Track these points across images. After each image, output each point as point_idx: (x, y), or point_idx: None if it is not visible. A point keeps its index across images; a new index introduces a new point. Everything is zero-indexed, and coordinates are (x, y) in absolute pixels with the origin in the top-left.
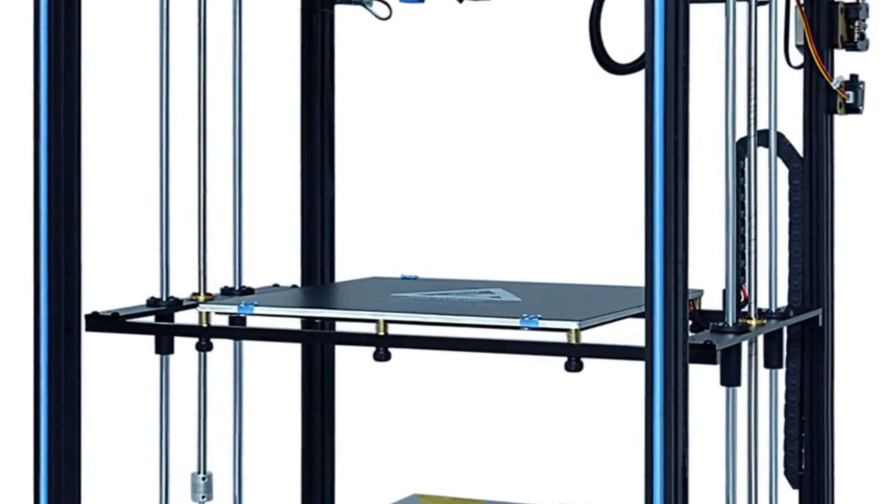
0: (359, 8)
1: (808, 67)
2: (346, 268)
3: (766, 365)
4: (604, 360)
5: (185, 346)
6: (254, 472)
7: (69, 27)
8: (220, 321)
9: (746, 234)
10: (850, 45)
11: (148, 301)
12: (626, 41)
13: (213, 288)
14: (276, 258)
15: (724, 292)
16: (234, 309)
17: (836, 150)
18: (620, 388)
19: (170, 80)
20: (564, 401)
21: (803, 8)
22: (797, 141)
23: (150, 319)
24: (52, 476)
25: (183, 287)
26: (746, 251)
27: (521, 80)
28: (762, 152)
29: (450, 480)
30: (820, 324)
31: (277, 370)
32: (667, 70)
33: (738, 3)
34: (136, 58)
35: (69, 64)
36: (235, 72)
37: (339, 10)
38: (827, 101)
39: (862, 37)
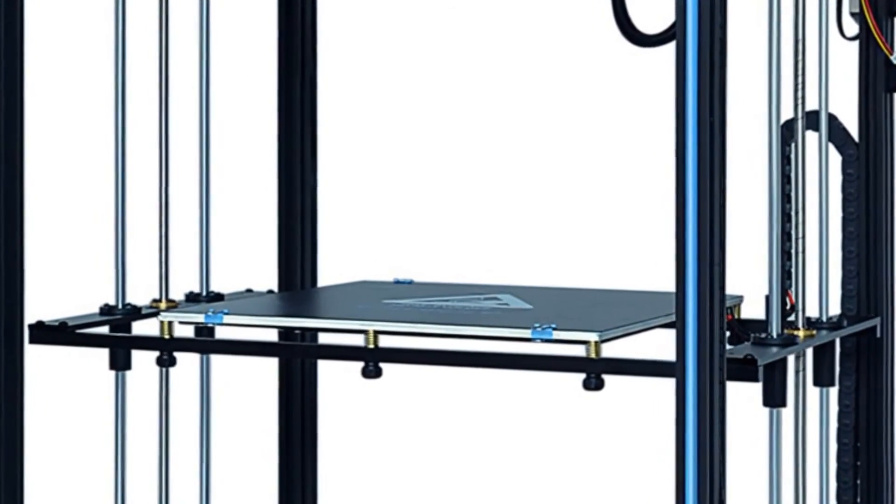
0: None
1: (865, 38)
2: (330, 271)
3: (816, 383)
4: (628, 376)
5: (144, 361)
6: None
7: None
8: (185, 332)
9: (793, 232)
10: None
11: (101, 308)
12: (654, 8)
13: (177, 294)
14: (249, 259)
15: (768, 299)
16: (200, 318)
17: None
18: (647, 408)
19: (126, 61)
20: (582, 424)
21: None
22: (852, 124)
23: (104, 330)
24: None
25: (142, 293)
26: (793, 251)
27: (531, 55)
28: (811, 137)
29: None
30: (878, 335)
31: (251, 388)
32: (701, 42)
33: None
34: (86, 39)
35: (10, 45)
36: (202, 49)
37: None
38: (886, 77)
39: None
